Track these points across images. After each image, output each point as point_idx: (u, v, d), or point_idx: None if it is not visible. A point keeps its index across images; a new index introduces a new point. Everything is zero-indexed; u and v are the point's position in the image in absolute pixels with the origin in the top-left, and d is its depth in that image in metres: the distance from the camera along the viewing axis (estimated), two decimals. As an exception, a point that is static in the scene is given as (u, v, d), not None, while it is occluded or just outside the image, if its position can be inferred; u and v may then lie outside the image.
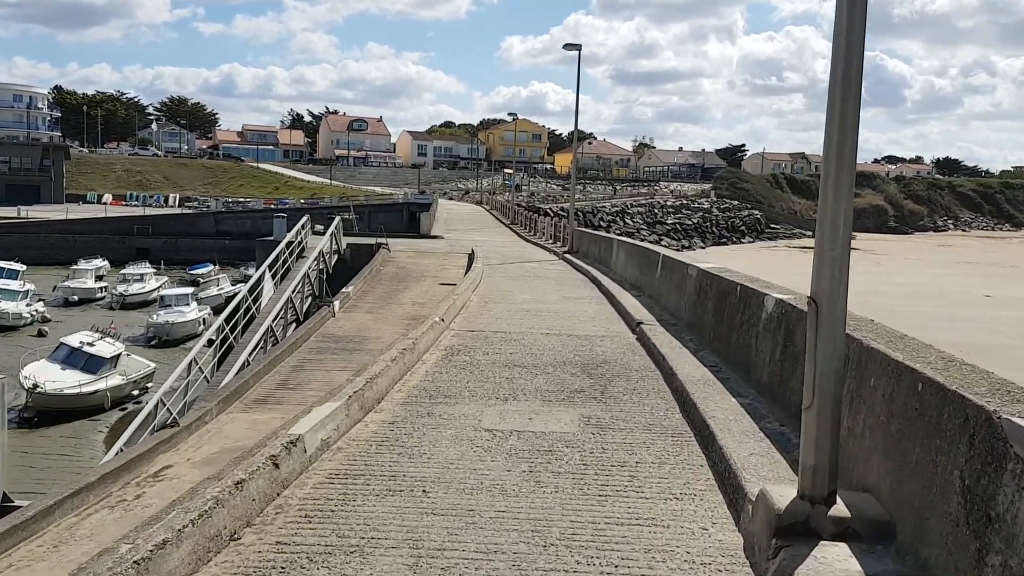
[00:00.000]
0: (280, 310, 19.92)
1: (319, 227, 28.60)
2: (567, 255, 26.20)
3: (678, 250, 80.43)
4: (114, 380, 27.22)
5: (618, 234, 79.73)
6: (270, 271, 23.80)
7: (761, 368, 6.77)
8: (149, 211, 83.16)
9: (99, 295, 49.92)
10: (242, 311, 19.51)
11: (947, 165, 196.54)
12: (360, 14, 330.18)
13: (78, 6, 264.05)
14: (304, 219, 27.80)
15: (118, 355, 28.60)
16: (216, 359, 18.23)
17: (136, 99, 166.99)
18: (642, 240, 79.43)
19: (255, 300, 21.32)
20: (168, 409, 14.76)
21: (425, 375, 7.99)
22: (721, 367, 7.91)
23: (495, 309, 13.26)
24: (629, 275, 16.81)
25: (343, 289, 19.57)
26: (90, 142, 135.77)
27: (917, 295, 52.20)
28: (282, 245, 25.50)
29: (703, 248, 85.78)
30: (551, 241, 33.75)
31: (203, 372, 16.89)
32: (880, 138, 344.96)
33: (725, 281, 8.58)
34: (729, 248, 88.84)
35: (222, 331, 18.72)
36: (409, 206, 70.15)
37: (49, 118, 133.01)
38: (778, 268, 61.98)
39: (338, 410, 5.52)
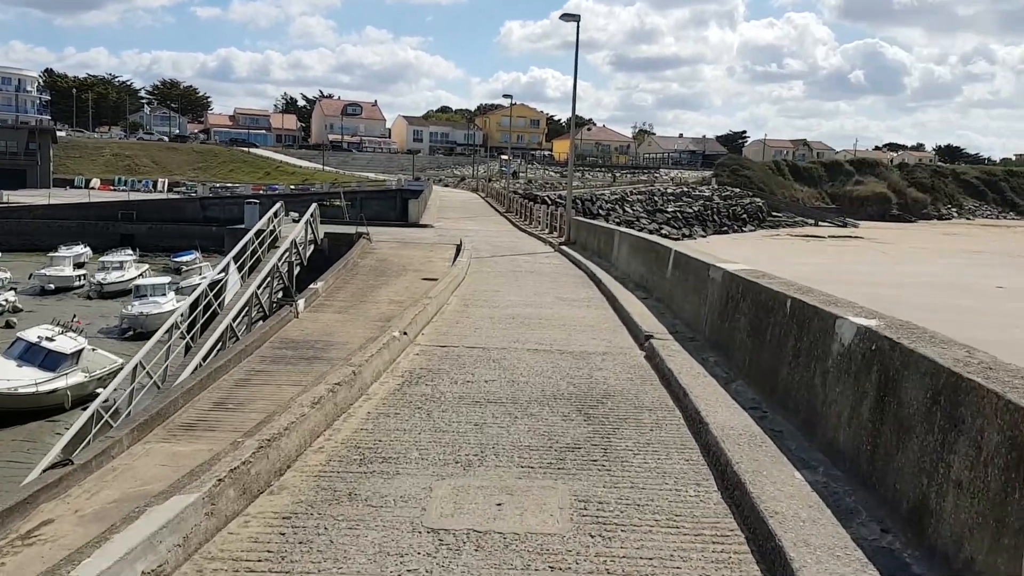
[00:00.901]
0: (244, 307, 17.84)
1: (294, 214, 26.42)
2: (564, 247, 24.08)
3: (679, 238, 78.38)
4: (76, 378, 25.35)
5: (617, 222, 77.68)
6: (235, 263, 21.72)
7: (834, 426, 4.70)
8: (134, 196, 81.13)
9: (77, 283, 48.04)
10: (201, 308, 17.45)
11: (948, 153, 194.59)
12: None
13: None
14: (277, 205, 25.64)
15: (80, 351, 26.67)
16: (168, 362, 16.27)
17: (129, 82, 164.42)
18: (642, 229, 77.35)
19: (217, 295, 19.24)
20: (109, 421, 12.86)
21: (365, 420, 5.89)
22: (765, 410, 5.83)
23: (476, 315, 11.17)
24: (633, 272, 14.72)
25: (311, 285, 17.47)
26: (81, 126, 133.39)
27: (927, 285, 50.27)
28: (251, 234, 23.34)
29: (704, 237, 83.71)
30: (547, 231, 31.62)
31: (152, 377, 14.94)
32: (879, 126, 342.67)
33: (766, 291, 6.49)
34: (731, 237, 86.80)
35: (176, 330, 16.68)
36: (402, 193, 67.96)
37: (39, 101, 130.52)
38: (784, 258, 59.98)
39: (189, 511, 3.45)
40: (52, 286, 46.66)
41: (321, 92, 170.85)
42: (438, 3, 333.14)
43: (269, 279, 20.38)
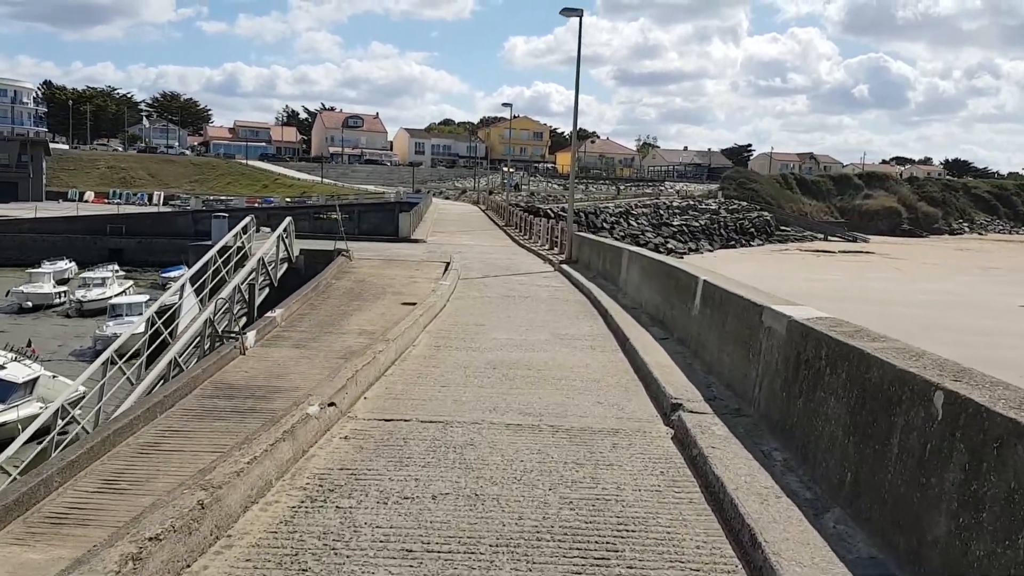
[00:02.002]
0: (194, 338, 15.37)
1: (266, 229, 23.95)
2: (565, 265, 21.56)
3: (685, 253, 75.81)
4: (29, 408, 22.83)
5: (621, 236, 75.16)
6: (192, 284, 19.26)
7: None
8: (127, 209, 79.01)
9: (56, 301, 45.73)
10: (147, 338, 14.93)
11: (956, 166, 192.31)
12: (364, 13, 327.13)
13: (82, 5, 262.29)
14: (247, 219, 23.12)
15: (34, 379, 24.23)
16: (101, 404, 13.82)
17: (129, 95, 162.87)
18: (647, 243, 74.86)
19: (168, 323, 16.77)
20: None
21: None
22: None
23: (447, 362, 8.64)
24: (646, 300, 12.18)
25: (268, 313, 14.95)
26: (79, 138, 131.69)
27: (945, 305, 47.75)
28: (213, 251, 20.88)
29: (711, 251, 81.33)
30: (547, 247, 29.12)
31: (79, 423, 12.54)
32: (883, 140, 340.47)
33: (881, 366, 3.97)
34: (738, 251, 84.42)
35: (113, 365, 14.13)
36: (401, 205, 65.76)
37: (35, 113, 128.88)
38: (795, 274, 57.39)
39: None
40: (30, 304, 44.45)
41: (323, 105, 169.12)
42: (443, 19, 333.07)
43: (228, 304, 17.97)
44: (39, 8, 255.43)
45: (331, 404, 5.90)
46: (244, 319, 18.37)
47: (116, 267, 52.82)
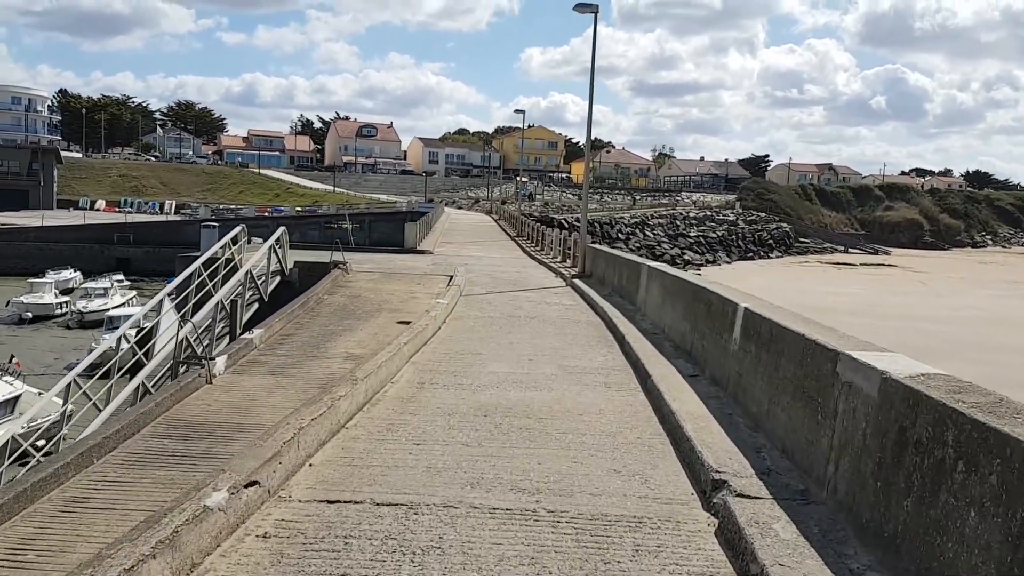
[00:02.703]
0: (166, 361, 13.91)
1: (257, 239, 22.48)
2: (577, 280, 19.95)
3: (702, 264, 74.00)
4: (11, 427, 21.42)
5: (637, 247, 73.39)
6: (171, 299, 17.85)
7: None
8: (138, 218, 78.19)
9: (58, 312, 44.63)
10: (116, 359, 13.47)
11: (976, 178, 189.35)
12: (382, 24, 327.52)
13: (103, 15, 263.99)
14: (237, 229, 21.69)
15: (16, 397, 23.02)
16: (62, 433, 12.58)
17: (144, 104, 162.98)
18: (663, 255, 73.06)
19: (142, 342, 15.37)
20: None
21: None
22: None
23: (429, 406, 7.06)
24: (670, 326, 10.55)
25: (245, 334, 13.44)
26: (94, 147, 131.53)
27: (975, 321, 45.79)
28: (197, 263, 19.44)
29: (728, 263, 79.52)
30: (559, 259, 27.51)
31: (37, 453, 11.36)
32: (900, 152, 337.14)
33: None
34: (756, 263, 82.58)
35: (78, 388, 12.80)
36: (412, 215, 64.53)
37: (49, 121, 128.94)
38: (816, 288, 55.43)
39: None
40: (30, 315, 43.39)
41: (337, 114, 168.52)
42: (460, 30, 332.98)
43: (210, 322, 16.51)
44: (60, 19, 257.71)
45: (251, 484, 4.34)
46: (228, 339, 16.87)
47: (121, 277, 51.70)
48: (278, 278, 21.22)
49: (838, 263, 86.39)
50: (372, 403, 7.08)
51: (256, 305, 19.26)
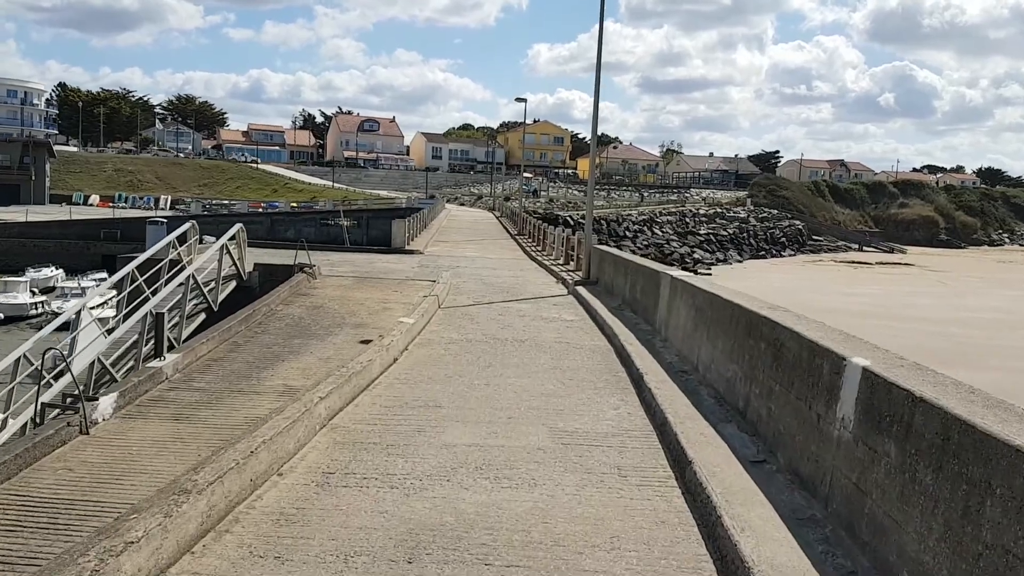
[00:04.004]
0: (81, 385, 11.05)
1: (209, 238, 19.54)
2: (581, 288, 17.02)
3: (712, 263, 70.85)
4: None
5: (645, 246, 70.17)
6: (91, 310, 14.97)
7: None
8: (133, 213, 75.47)
9: (32, 312, 41.84)
10: (14, 383, 10.60)
11: (989, 175, 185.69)
12: (389, 20, 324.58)
13: (111, 11, 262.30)
14: (186, 226, 18.81)
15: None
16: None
17: (145, 98, 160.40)
18: (672, 252, 69.93)
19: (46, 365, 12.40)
20: None
21: None
22: None
23: (320, 534, 4.16)
24: (705, 361, 7.61)
25: (154, 361, 10.54)
26: (93, 141, 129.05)
27: (999, 324, 42.79)
28: (131, 267, 16.57)
29: (740, 262, 76.51)
30: (561, 261, 24.57)
31: None
32: (908, 149, 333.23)
33: None
34: (769, 262, 79.56)
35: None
36: (410, 212, 61.70)
37: (45, 115, 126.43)
38: (833, 287, 52.27)
39: None
40: (2, 315, 40.56)
41: (340, 108, 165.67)
42: (467, 26, 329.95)
43: (137, 339, 13.69)
44: (69, 14, 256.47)
45: None
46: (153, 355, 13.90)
47: (104, 275, 48.90)
48: (233, 283, 18.33)
49: (853, 262, 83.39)
50: (226, 524, 4.18)
51: (203, 316, 16.37)
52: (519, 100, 48.36)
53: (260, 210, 76.52)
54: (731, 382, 6.59)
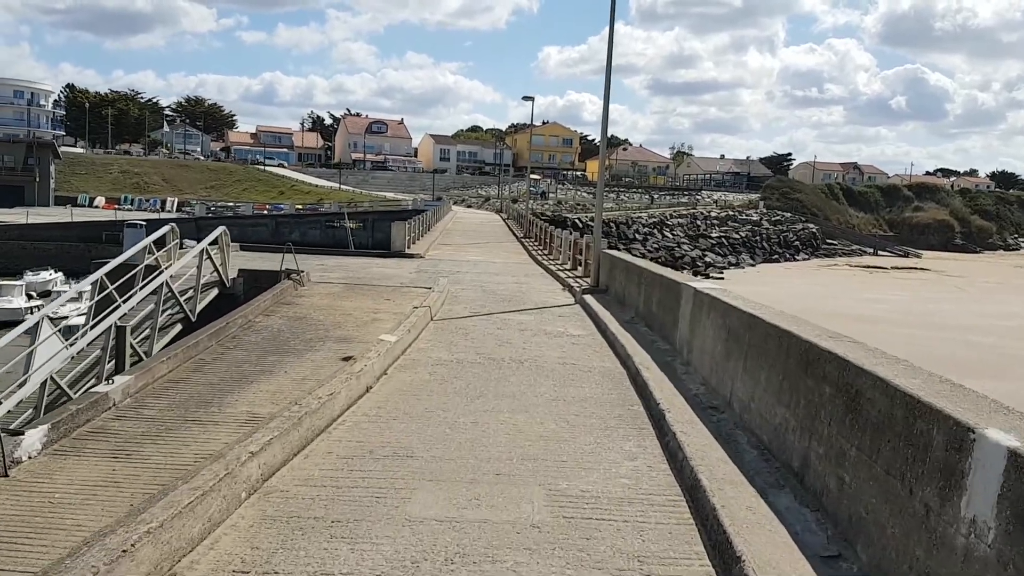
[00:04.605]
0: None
1: (190, 242, 18.22)
2: (589, 297, 15.61)
3: (724, 267, 69.20)
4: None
5: (655, 249, 68.67)
6: (52, 322, 13.68)
7: None
8: (138, 215, 74.43)
9: (27, 317, 40.54)
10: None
11: (1003, 179, 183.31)
12: (400, 23, 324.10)
13: (125, 14, 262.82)
14: (165, 229, 17.52)
15: None
16: None
17: (154, 100, 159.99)
18: (683, 256, 68.36)
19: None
20: None
21: None
22: None
23: None
24: (742, 397, 6.20)
25: (99, 386, 9.19)
26: (101, 143, 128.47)
27: (1021, 331, 41.18)
28: (100, 273, 15.27)
29: (753, 266, 74.93)
30: (569, 266, 23.17)
31: None
32: (920, 152, 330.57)
33: None
34: (782, 266, 77.90)
35: None
36: (416, 213, 60.46)
37: (52, 116, 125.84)
38: (850, 293, 50.60)
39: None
40: (-6, 321, 39.31)
41: (348, 110, 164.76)
42: (477, 29, 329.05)
43: (101, 354, 12.48)
44: (82, 16, 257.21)
45: None
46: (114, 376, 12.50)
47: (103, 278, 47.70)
48: (215, 291, 17.01)
49: (868, 266, 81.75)
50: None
51: (179, 327, 15.06)
52: (526, 99, 46.98)
53: (265, 212, 75.41)
54: (780, 431, 5.18)
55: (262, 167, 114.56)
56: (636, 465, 5.46)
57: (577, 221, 67.01)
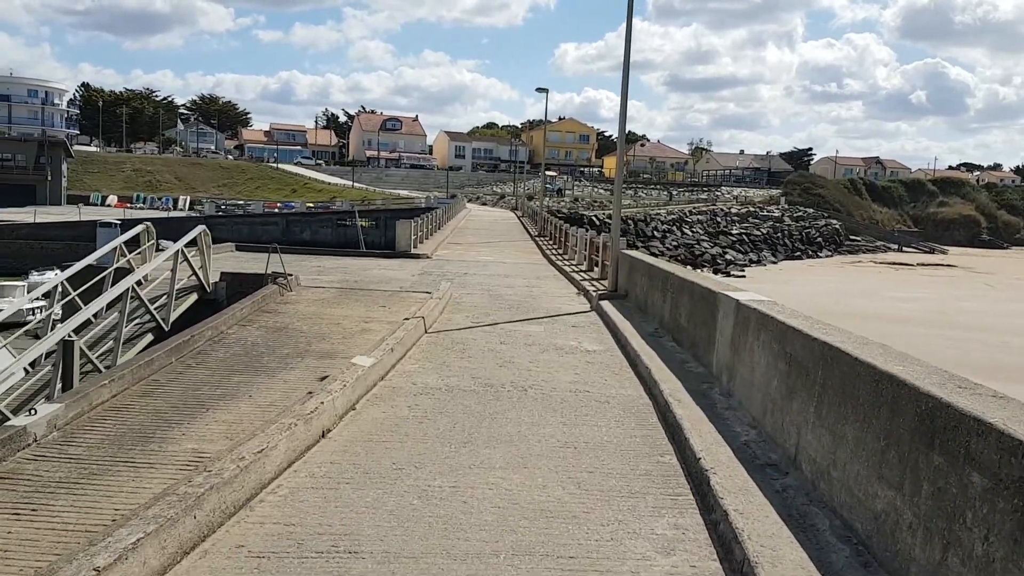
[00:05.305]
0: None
1: (165, 242, 16.72)
2: (606, 303, 13.96)
3: (745, 265, 67.16)
4: None
5: (674, 246, 66.83)
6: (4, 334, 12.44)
7: None
8: (150, 214, 73.43)
9: (29, 318, 39.43)
10: None
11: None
12: (417, 21, 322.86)
13: (144, 14, 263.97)
14: (138, 228, 16.11)
15: None
16: None
17: (168, 98, 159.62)
18: (703, 253, 66.43)
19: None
20: None
21: None
22: None
23: None
24: (817, 459, 4.55)
25: (17, 417, 7.67)
26: (116, 141, 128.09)
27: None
28: (63, 276, 13.81)
29: (774, 263, 72.87)
30: (584, 267, 21.51)
31: None
32: (940, 147, 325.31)
33: None
34: (805, 263, 75.79)
35: None
36: (428, 211, 58.98)
37: (66, 115, 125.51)
38: (877, 291, 48.59)
39: None
40: (-7, 322, 38.03)
41: (363, 107, 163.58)
42: (494, 26, 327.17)
43: (53, 372, 11.16)
44: (102, 17, 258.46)
45: None
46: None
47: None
48: (194, 296, 15.50)
49: (894, 263, 79.51)
50: None
51: (149, 338, 13.57)
52: (540, 90, 45.24)
53: (275, 210, 74.13)
54: (886, 523, 3.54)
55: (275, 165, 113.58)
56: (674, 564, 3.84)
57: (594, 218, 65.27)
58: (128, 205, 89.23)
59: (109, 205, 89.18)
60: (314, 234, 59.03)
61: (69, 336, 10.72)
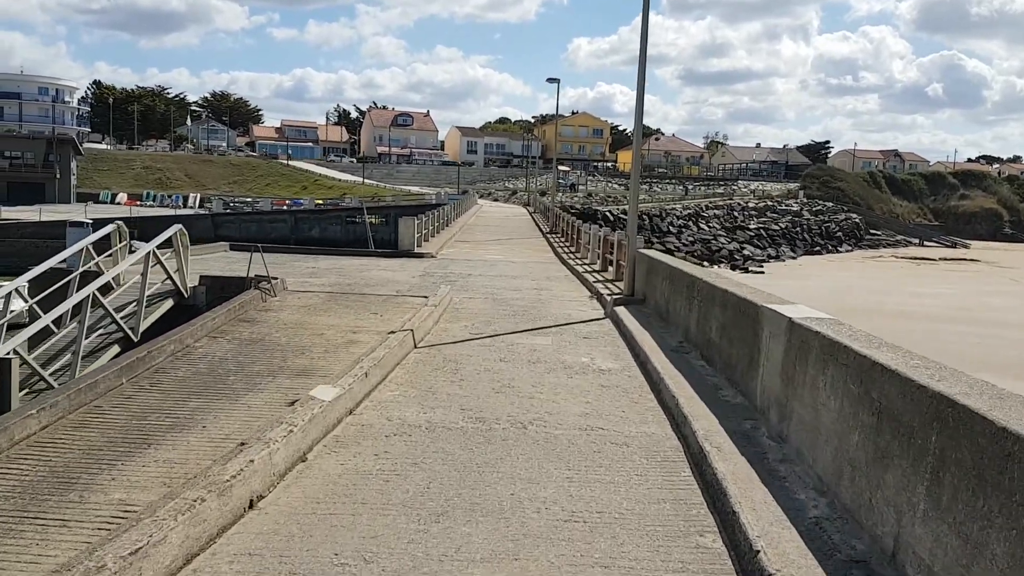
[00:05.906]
0: None
1: (138, 243, 15.37)
2: (622, 308, 12.51)
3: (764, 261, 65.40)
4: None
5: (690, 242, 65.22)
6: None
7: None
8: (160, 212, 72.44)
9: (27, 320, 38.31)
10: None
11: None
12: (430, 17, 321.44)
13: (159, 13, 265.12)
14: (109, 228, 14.79)
15: None
16: None
17: (180, 95, 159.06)
18: (720, 249, 64.71)
19: None
20: None
21: None
22: None
23: None
24: (936, 571, 3.13)
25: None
26: (128, 139, 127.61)
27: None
28: (12, 286, 12.55)
29: (793, 258, 71.03)
30: (598, 267, 20.04)
31: None
32: (957, 140, 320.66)
33: None
34: (825, 258, 73.87)
35: None
36: (440, 207, 57.63)
37: (77, 112, 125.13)
38: (900, 287, 46.82)
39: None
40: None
41: (374, 103, 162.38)
42: (507, 21, 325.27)
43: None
44: (117, 16, 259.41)
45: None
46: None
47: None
48: (169, 302, 14.16)
49: (915, 258, 77.45)
50: None
51: (116, 349, 12.25)
52: (551, 80, 43.67)
53: (284, 208, 72.99)
54: None
55: (286, 162, 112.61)
56: None
57: (608, 214, 63.74)
58: (138, 203, 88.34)
59: (119, 203, 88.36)
60: (323, 231, 57.80)
61: (8, 354, 9.41)
